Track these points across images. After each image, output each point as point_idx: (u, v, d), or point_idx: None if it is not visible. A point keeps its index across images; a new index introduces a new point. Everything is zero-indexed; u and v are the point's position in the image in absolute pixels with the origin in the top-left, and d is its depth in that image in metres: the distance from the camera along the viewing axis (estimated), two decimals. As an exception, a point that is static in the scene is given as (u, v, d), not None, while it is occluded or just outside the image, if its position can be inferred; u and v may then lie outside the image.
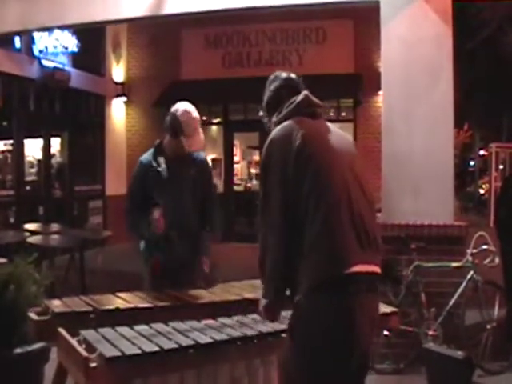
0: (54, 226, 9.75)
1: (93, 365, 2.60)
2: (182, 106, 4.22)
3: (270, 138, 2.85)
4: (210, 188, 4.52)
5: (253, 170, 16.61)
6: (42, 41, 11.92)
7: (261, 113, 3.13)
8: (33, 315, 3.37)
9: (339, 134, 2.95)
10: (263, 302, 2.82)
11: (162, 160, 4.30)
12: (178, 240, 4.27)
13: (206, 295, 3.93)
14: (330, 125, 2.96)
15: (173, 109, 4.23)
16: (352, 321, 2.59)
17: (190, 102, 4.29)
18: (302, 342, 2.65)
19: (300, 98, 2.93)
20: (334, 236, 2.62)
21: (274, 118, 2.97)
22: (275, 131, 2.85)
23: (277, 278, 2.75)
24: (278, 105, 2.97)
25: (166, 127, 4.24)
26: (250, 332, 3.10)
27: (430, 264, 5.48)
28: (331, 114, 14.04)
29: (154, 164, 4.29)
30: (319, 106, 2.98)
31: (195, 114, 4.21)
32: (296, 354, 2.68)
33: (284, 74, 3.09)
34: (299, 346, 2.66)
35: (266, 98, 3.07)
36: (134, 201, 4.37)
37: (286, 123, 2.85)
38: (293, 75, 3.10)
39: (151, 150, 4.39)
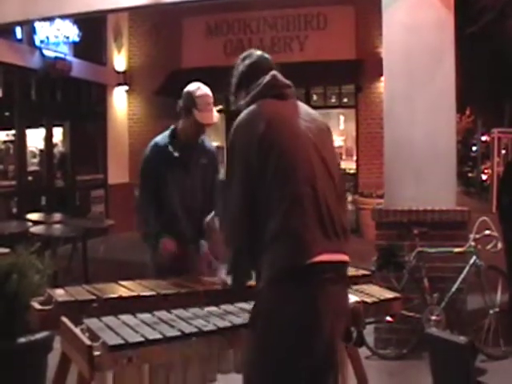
0: (57, 216, 9.76)
1: (96, 353, 2.61)
2: (195, 84, 4.26)
3: (235, 123, 2.77)
4: (217, 177, 4.56)
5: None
6: (43, 31, 11.87)
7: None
8: (36, 304, 3.36)
9: (309, 114, 2.83)
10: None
11: (175, 145, 4.32)
12: (185, 223, 4.32)
13: (208, 282, 3.93)
14: (300, 105, 2.86)
15: (186, 89, 4.26)
16: (314, 311, 2.51)
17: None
18: (263, 333, 2.57)
19: (266, 79, 2.83)
20: (298, 226, 2.54)
21: (242, 102, 2.88)
22: (240, 117, 2.77)
23: (237, 268, 2.76)
24: (248, 82, 2.89)
25: (179, 108, 4.26)
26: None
27: (433, 249, 5.49)
28: (333, 101, 14.02)
29: (171, 148, 4.31)
30: (288, 87, 2.88)
31: (209, 91, 4.24)
32: (257, 346, 2.60)
33: (258, 52, 3.00)
34: (261, 337, 2.59)
35: (237, 74, 2.98)
36: (147, 196, 4.35)
37: (250, 108, 2.76)
38: (267, 55, 3.00)
39: (166, 134, 4.40)
